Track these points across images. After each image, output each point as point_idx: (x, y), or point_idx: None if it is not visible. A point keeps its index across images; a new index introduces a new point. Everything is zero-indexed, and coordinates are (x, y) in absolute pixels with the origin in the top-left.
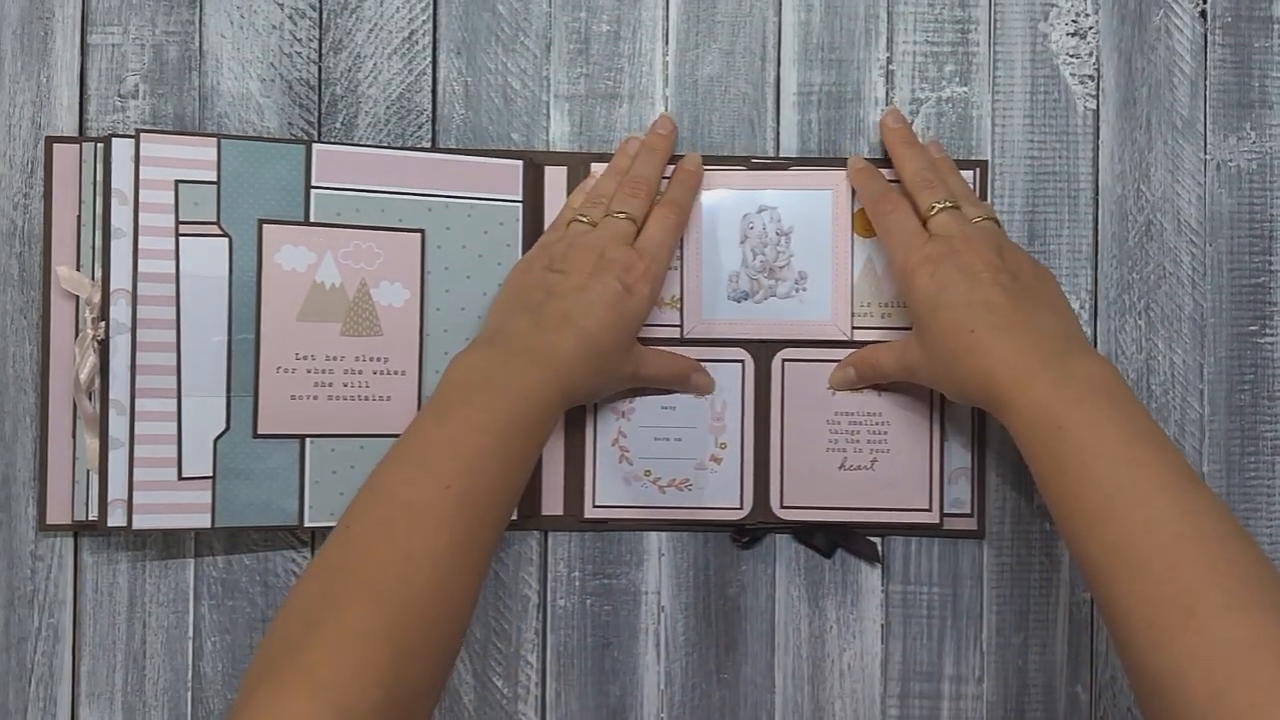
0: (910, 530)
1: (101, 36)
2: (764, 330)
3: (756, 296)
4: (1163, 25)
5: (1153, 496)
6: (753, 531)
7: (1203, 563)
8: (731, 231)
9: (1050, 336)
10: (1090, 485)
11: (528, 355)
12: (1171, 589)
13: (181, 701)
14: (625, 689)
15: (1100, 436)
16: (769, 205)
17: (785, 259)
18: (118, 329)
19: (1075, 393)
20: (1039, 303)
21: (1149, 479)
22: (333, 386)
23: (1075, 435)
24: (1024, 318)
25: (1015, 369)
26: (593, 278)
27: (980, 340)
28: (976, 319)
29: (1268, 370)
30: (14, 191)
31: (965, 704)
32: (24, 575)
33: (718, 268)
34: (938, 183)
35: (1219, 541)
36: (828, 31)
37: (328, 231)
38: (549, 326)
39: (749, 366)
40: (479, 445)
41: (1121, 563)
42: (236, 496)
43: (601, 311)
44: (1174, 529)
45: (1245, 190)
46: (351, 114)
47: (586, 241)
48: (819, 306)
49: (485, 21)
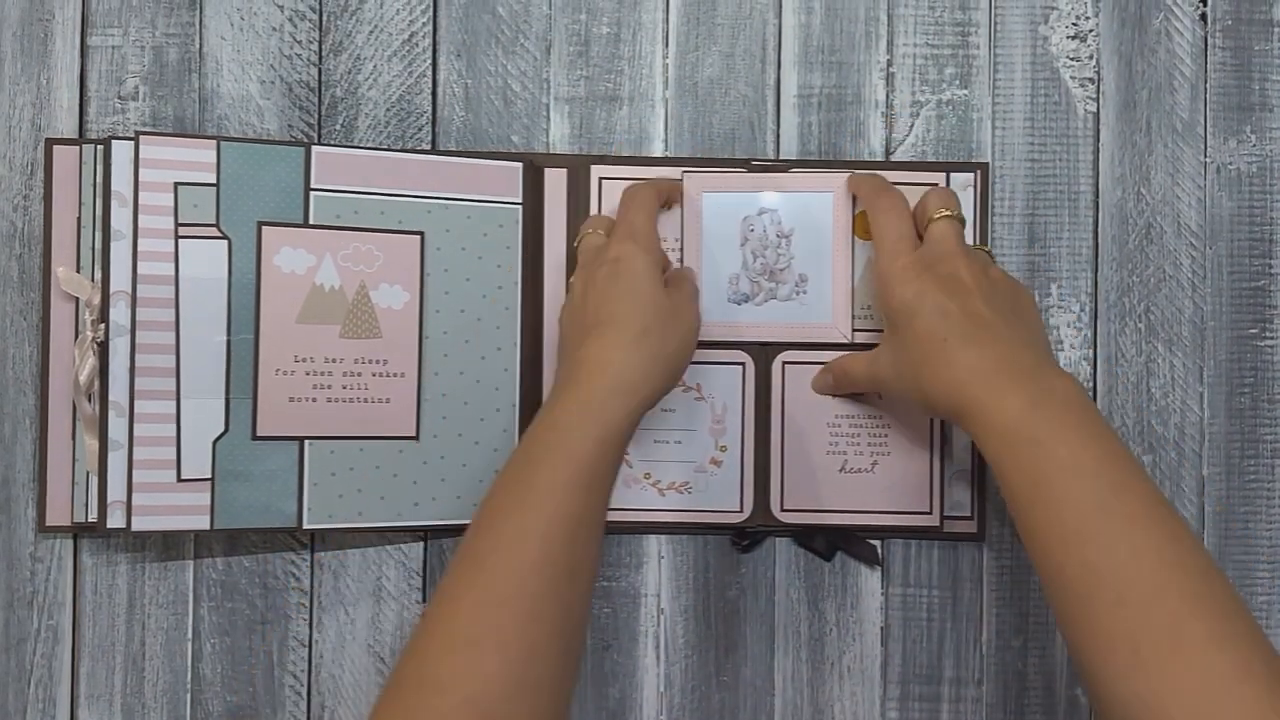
0: (910, 533)
1: (101, 38)
2: (764, 333)
3: (757, 299)
4: (1163, 28)
5: (1135, 520)
6: (753, 535)
7: (1187, 592)
8: (732, 233)
9: (1024, 351)
10: (1069, 503)
11: (589, 388)
12: (1157, 617)
13: (181, 703)
14: (625, 691)
15: (1079, 455)
16: (769, 207)
17: (786, 261)
18: (117, 331)
19: (1053, 410)
20: (1015, 318)
21: (1131, 503)
22: (332, 389)
23: (1054, 452)
24: (999, 332)
25: (989, 381)
26: (619, 260)
27: (952, 350)
28: (951, 328)
29: (1267, 373)
30: (14, 193)
31: (965, 706)
32: (23, 577)
33: (718, 270)
34: (953, 202)
35: (1200, 574)
36: (828, 34)
37: (327, 234)
38: (593, 338)
39: (749, 369)
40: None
41: (1102, 584)
42: (235, 498)
43: (633, 296)
44: (1158, 556)
45: (1245, 193)
46: (351, 116)
47: (579, 275)
48: (820, 309)
49: (485, 23)
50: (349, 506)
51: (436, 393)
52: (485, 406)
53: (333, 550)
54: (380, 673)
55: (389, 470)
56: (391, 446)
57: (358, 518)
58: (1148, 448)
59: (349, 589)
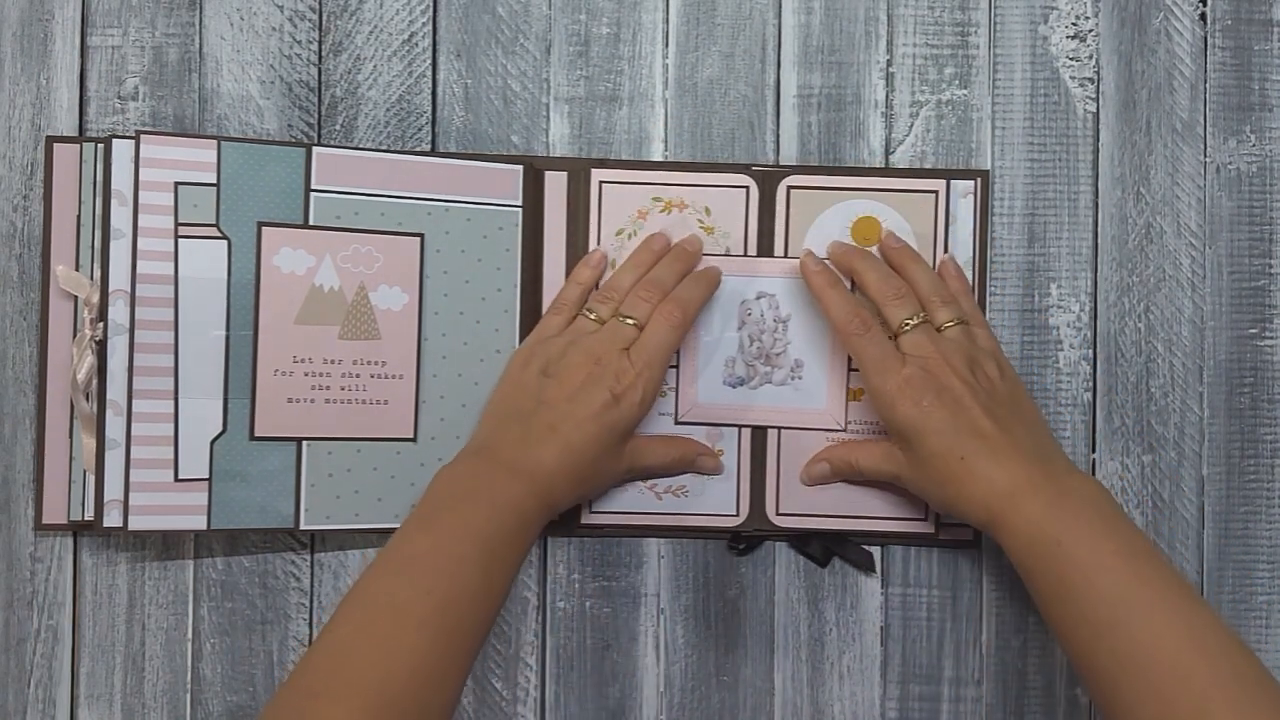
0: (906, 540)
1: (101, 38)
2: (759, 416)
3: (752, 382)
4: (1162, 28)
5: (1157, 609)
6: (749, 539)
7: (1211, 671)
8: (729, 316)
9: (1036, 456)
10: (1095, 599)
11: (512, 468)
12: (1184, 698)
13: (180, 703)
14: (625, 691)
15: (1100, 552)
16: (767, 291)
17: (782, 346)
18: (116, 330)
19: (1070, 510)
20: (1019, 422)
21: (1152, 594)
22: (330, 390)
23: (1075, 552)
24: (1009, 440)
25: (1009, 492)
26: (582, 389)
27: (971, 466)
28: (964, 445)
29: (1267, 373)
30: (14, 193)
31: (964, 706)
32: (23, 577)
33: (714, 352)
34: (903, 292)
35: (1223, 653)
36: (827, 34)
37: (327, 235)
38: (535, 439)
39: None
40: (461, 553)
41: (1130, 671)
42: (232, 498)
43: (589, 425)
44: (1182, 640)
45: (1245, 193)
46: (351, 116)
47: (586, 345)
48: (815, 396)
49: (485, 24)
50: (346, 507)
51: (435, 394)
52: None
53: (333, 550)
54: None
55: (386, 472)
56: (389, 448)
57: (355, 519)
58: (1148, 448)
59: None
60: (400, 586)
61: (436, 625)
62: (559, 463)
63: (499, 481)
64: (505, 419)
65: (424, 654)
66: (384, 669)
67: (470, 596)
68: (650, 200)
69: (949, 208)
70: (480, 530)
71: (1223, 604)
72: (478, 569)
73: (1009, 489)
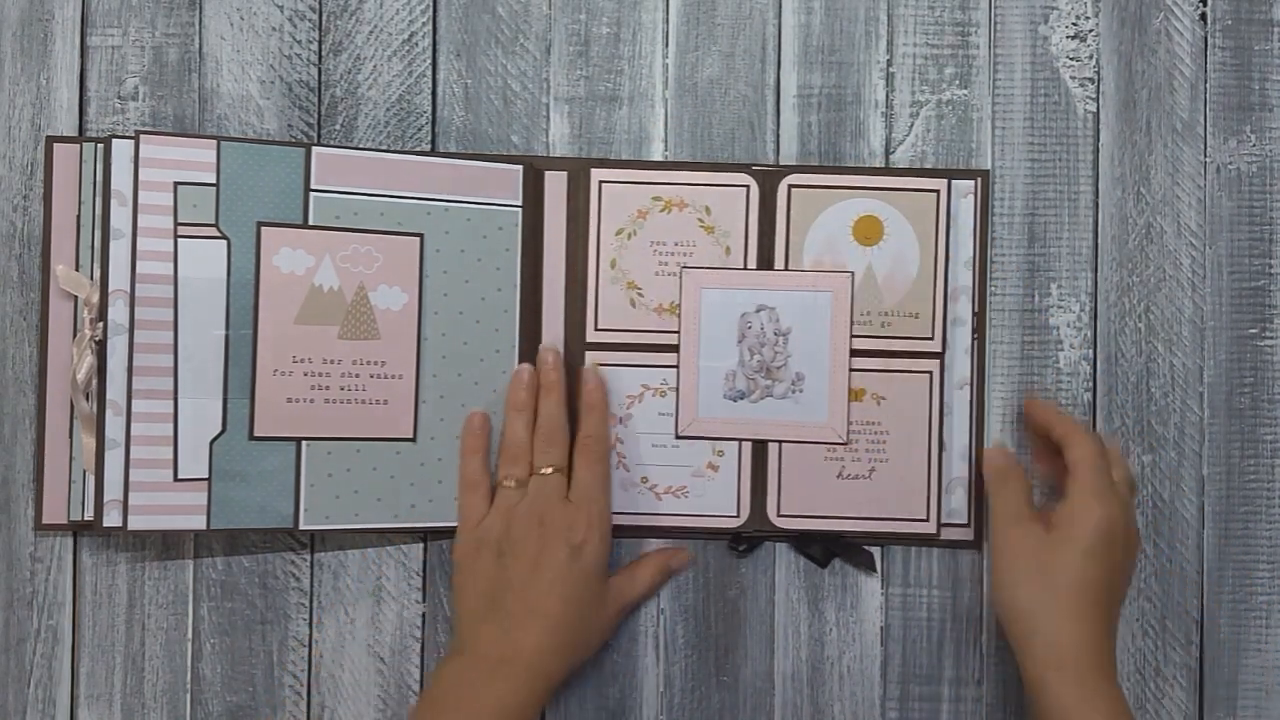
0: (907, 540)
1: (101, 38)
2: (759, 430)
3: (753, 396)
4: (1163, 28)
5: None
6: (749, 540)
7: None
8: (729, 330)
9: (1107, 631)
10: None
11: (496, 663)
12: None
13: (180, 703)
14: (625, 691)
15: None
16: (767, 305)
17: (783, 359)
18: (115, 330)
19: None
20: (1119, 600)
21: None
22: (329, 390)
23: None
24: (1105, 601)
25: (1065, 663)
26: (542, 553)
27: (1069, 599)
28: (1094, 565)
29: (1267, 373)
30: (14, 193)
31: (964, 706)
32: (23, 577)
33: (714, 366)
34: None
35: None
36: (828, 34)
37: (326, 234)
38: (515, 624)
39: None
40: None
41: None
42: (232, 498)
43: (560, 588)
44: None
45: (1245, 193)
46: (351, 116)
47: (524, 512)
48: (815, 409)
49: (485, 23)
50: (346, 507)
51: (434, 394)
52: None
53: (333, 550)
54: (380, 673)
55: (386, 472)
56: (389, 448)
57: (354, 519)
58: (1148, 448)
59: (349, 589)
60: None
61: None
62: (544, 641)
63: (485, 680)
64: (480, 613)
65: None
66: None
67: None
68: (650, 200)
69: (949, 207)
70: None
71: (1223, 604)
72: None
73: (1071, 659)
